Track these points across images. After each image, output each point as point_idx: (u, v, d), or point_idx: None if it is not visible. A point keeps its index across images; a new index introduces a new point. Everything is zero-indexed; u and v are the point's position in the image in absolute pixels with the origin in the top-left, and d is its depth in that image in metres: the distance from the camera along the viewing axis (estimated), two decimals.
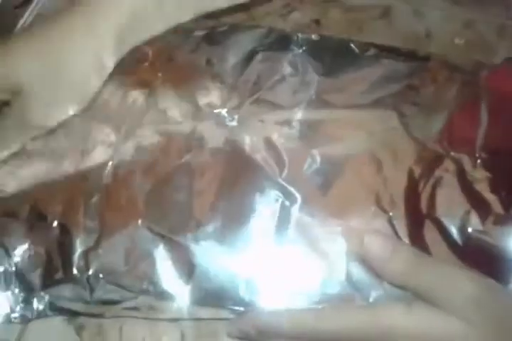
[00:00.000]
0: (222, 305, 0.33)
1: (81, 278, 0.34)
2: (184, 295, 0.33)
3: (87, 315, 0.34)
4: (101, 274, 0.34)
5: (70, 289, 0.34)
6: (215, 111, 0.38)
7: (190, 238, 0.34)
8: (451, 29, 0.40)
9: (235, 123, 0.37)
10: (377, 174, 0.35)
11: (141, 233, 0.34)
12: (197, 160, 0.36)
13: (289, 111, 0.37)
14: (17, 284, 0.34)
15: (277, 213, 0.34)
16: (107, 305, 0.34)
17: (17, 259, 0.35)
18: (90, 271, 0.34)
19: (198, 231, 0.34)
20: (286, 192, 0.35)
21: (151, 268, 0.34)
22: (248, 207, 0.35)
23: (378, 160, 0.35)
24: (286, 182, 0.35)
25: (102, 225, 0.35)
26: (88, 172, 0.37)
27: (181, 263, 0.33)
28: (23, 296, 0.34)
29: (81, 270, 0.34)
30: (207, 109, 0.38)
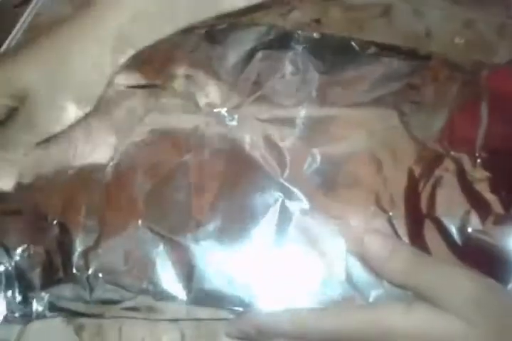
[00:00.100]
0: (221, 305, 0.33)
1: (81, 278, 0.34)
2: (184, 295, 0.33)
3: (87, 315, 0.34)
4: (100, 274, 0.34)
5: (69, 289, 0.34)
6: (215, 111, 0.37)
7: (190, 238, 0.34)
8: (451, 28, 0.40)
9: (234, 123, 0.37)
10: (377, 173, 0.35)
11: (141, 233, 0.34)
12: (197, 160, 0.36)
13: (289, 110, 0.37)
14: (17, 283, 0.34)
15: (277, 213, 0.34)
16: (107, 304, 0.34)
17: (17, 259, 0.35)
18: (90, 270, 0.34)
19: (198, 231, 0.34)
20: (286, 192, 0.35)
21: (151, 268, 0.34)
22: (248, 206, 0.35)
23: (378, 159, 0.35)
24: (286, 182, 0.35)
25: (102, 225, 0.35)
26: (88, 172, 0.37)
27: (181, 263, 0.34)
28: (23, 296, 0.34)
29: (81, 269, 0.34)
30: (207, 109, 0.38)
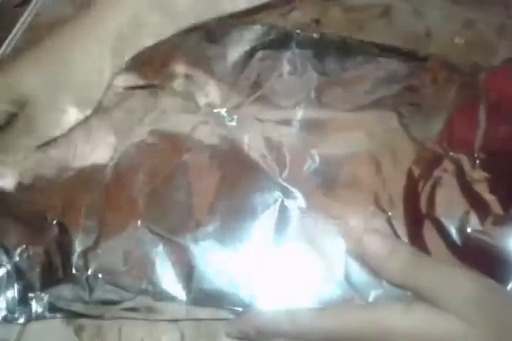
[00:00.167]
0: (221, 305, 0.33)
1: (80, 278, 0.34)
2: (183, 295, 0.33)
3: (86, 316, 0.34)
4: (100, 274, 0.34)
5: (69, 289, 0.34)
6: (214, 111, 0.38)
7: (189, 238, 0.34)
8: (451, 28, 0.40)
9: (234, 123, 0.37)
10: (376, 174, 0.35)
11: (141, 233, 0.34)
12: (196, 160, 0.36)
13: (289, 111, 0.37)
14: (16, 284, 0.34)
15: (277, 213, 0.34)
16: (106, 305, 0.34)
17: (16, 259, 0.35)
18: (89, 271, 0.34)
19: (198, 231, 0.34)
20: (285, 192, 0.35)
21: (151, 269, 0.34)
22: (247, 207, 0.35)
23: (377, 160, 0.35)
24: (285, 182, 0.35)
25: (102, 225, 0.35)
26: (88, 173, 0.37)
27: (181, 264, 0.34)
28: (23, 297, 0.34)
29: (80, 270, 0.34)
30: (206, 109, 0.38)
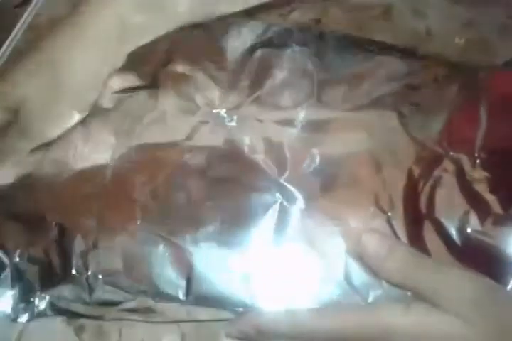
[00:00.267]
0: (221, 306, 0.33)
1: (80, 279, 0.34)
2: (183, 296, 0.33)
3: (87, 317, 0.34)
4: (100, 275, 0.34)
5: (69, 289, 0.34)
6: (214, 111, 0.37)
7: (189, 239, 0.34)
8: (452, 28, 0.40)
9: (234, 124, 0.37)
10: (376, 174, 0.35)
11: (140, 234, 0.34)
12: (196, 161, 0.36)
13: (288, 111, 0.37)
14: (17, 284, 0.34)
15: (276, 213, 0.34)
16: (107, 306, 0.34)
17: (16, 260, 0.35)
18: (89, 271, 0.34)
19: (197, 232, 0.34)
20: (285, 193, 0.35)
21: (150, 270, 0.34)
22: (247, 207, 0.34)
23: (377, 160, 0.35)
24: (285, 183, 0.35)
25: (101, 226, 0.35)
26: (88, 173, 0.37)
27: (180, 264, 0.34)
28: (24, 296, 0.34)
29: (80, 270, 0.34)
30: (206, 109, 0.38)
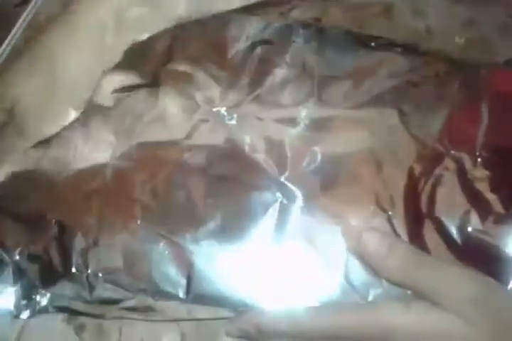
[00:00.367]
0: (221, 304, 0.33)
1: (80, 277, 0.34)
2: (183, 294, 0.33)
3: (87, 315, 0.34)
4: (100, 273, 0.34)
5: (69, 288, 0.34)
6: (214, 110, 0.37)
7: (189, 238, 0.34)
8: (452, 27, 0.40)
9: (234, 122, 0.37)
10: (376, 173, 0.35)
11: (140, 232, 0.34)
12: (196, 159, 0.36)
13: (289, 109, 0.37)
14: (17, 282, 0.35)
15: (277, 212, 0.34)
16: (107, 304, 0.34)
17: (16, 258, 0.35)
18: (89, 269, 0.34)
19: (198, 231, 0.34)
20: (285, 191, 0.34)
21: (150, 268, 0.34)
22: (248, 206, 0.34)
23: (378, 159, 0.35)
24: (285, 181, 0.35)
25: (101, 224, 0.35)
26: (88, 171, 0.37)
27: (180, 263, 0.33)
28: (24, 293, 0.34)
29: (80, 269, 0.34)
30: (206, 108, 0.37)
